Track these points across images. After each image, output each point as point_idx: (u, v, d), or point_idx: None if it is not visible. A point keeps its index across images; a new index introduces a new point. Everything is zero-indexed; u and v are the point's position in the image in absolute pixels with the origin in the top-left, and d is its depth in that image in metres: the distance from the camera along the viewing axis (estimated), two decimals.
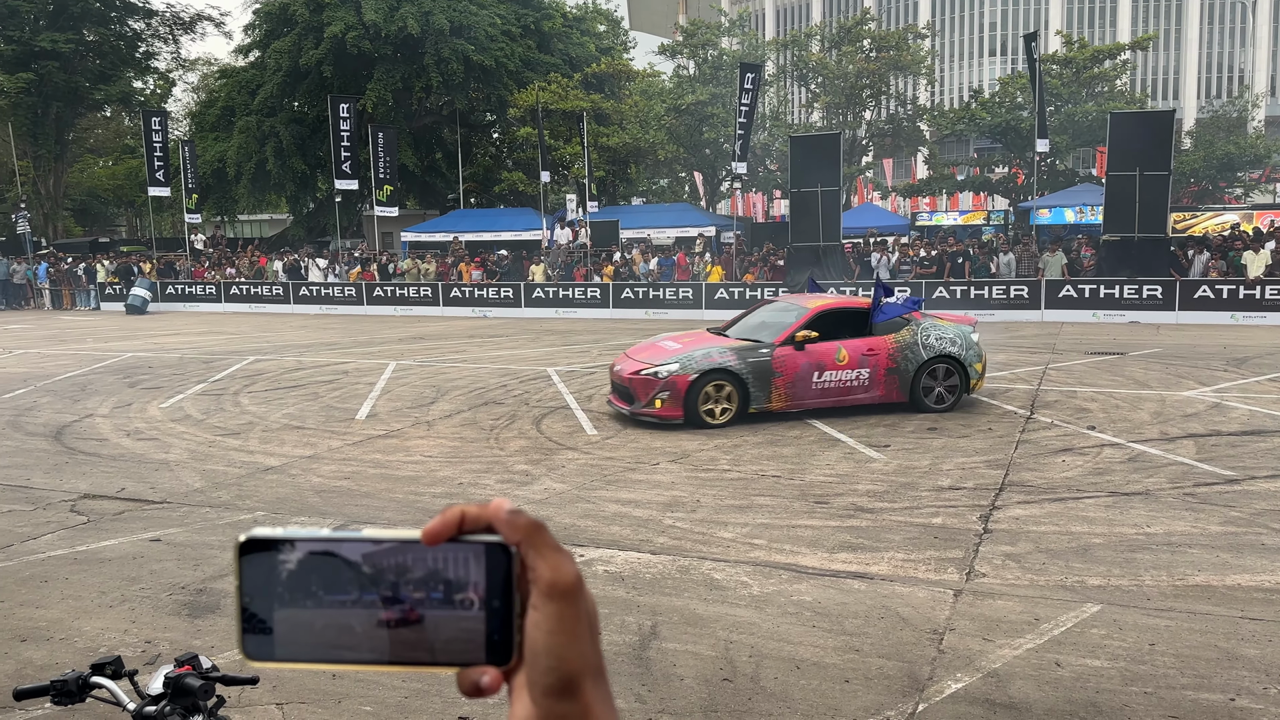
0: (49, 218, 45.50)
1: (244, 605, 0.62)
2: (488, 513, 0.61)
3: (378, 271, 29.53)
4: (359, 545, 0.61)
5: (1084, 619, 5.40)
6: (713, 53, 38.28)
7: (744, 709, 4.49)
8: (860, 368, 11.22)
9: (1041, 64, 29.31)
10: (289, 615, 0.61)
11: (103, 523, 7.63)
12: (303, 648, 0.61)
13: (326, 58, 38.39)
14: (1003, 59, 67.73)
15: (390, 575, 0.61)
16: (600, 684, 0.61)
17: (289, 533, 0.62)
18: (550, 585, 0.60)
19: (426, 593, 0.61)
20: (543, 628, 0.59)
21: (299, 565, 0.61)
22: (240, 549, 0.62)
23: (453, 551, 0.61)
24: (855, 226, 31.67)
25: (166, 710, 2.60)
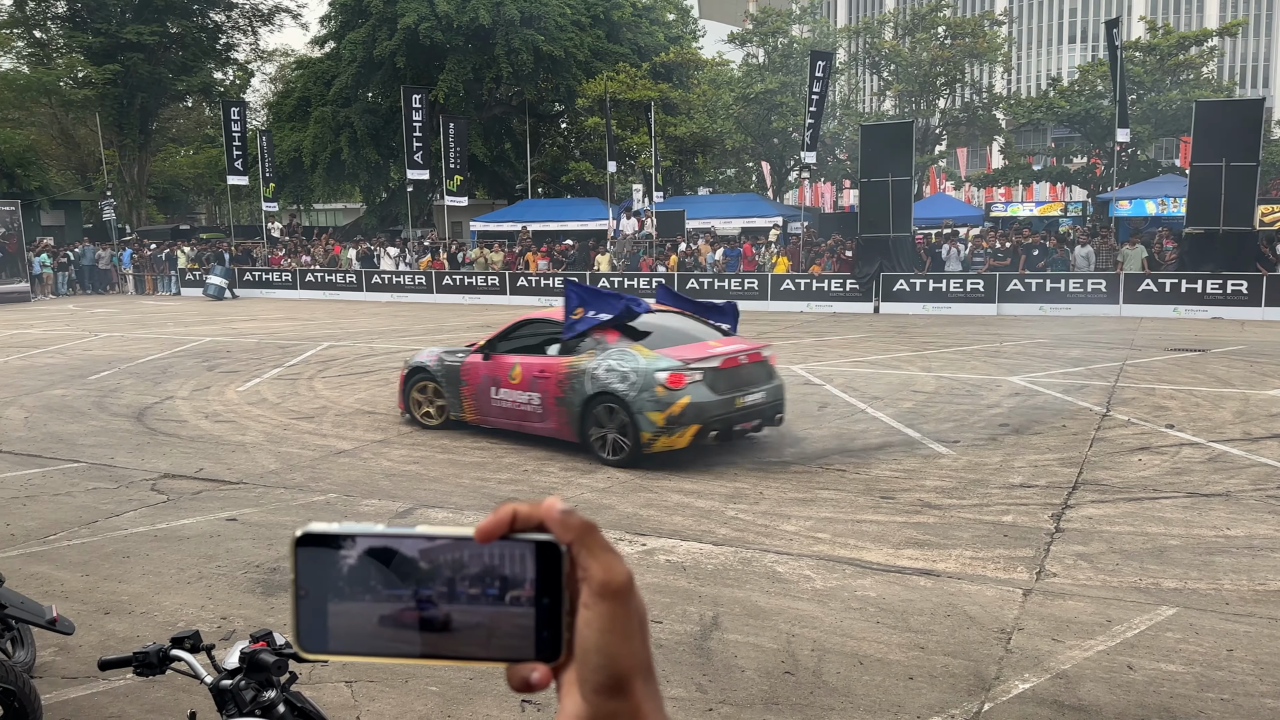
0: (133, 205, 46.98)
1: (299, 598, 0.63)
2: (539, 511, 0.62)
3: (447, 260, 29.91)
4: (413, 542, 0.62)
5: (1158, 622, 5.26)
6: (783, 41, 37.89)
7: (805, 702, 4.47)
8: (531, 390, 9.38)
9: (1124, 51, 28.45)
10: (343, 609, 0.62)
11: (182, 501, 7.88)
12: (356, 641, 0.62)
13: (400, 49, 38.93)
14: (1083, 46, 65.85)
15: (443, 571, 0.62)
16: (650, 682, 0.62)
17: (345, 528, 0.63)
18: (603, 585, 0.60)
19: (479, 589, 0.62)
20: (595, 626, 0.60)
21: (354, 560, 0.62)
22: (296, 543, 0.63)
23: (504, 549, 0.62)
24: (927, 217, 31.13)
25: (241, 684, 2.69)
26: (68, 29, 44.90)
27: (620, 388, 8.61)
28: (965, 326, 19.66)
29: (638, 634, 0.61)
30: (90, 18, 43.59)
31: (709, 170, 42.54)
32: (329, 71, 42.11)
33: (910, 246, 23.63)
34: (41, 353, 17.25)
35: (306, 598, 0.63)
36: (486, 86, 40.76)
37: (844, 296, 23.77)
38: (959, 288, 22.79)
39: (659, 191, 33.51)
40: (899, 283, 23.15)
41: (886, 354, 15.74)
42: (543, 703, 4.51)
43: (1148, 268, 21.86)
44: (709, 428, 8.59)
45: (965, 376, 13.31)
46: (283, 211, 45.07)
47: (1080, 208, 38.67)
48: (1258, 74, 66.99)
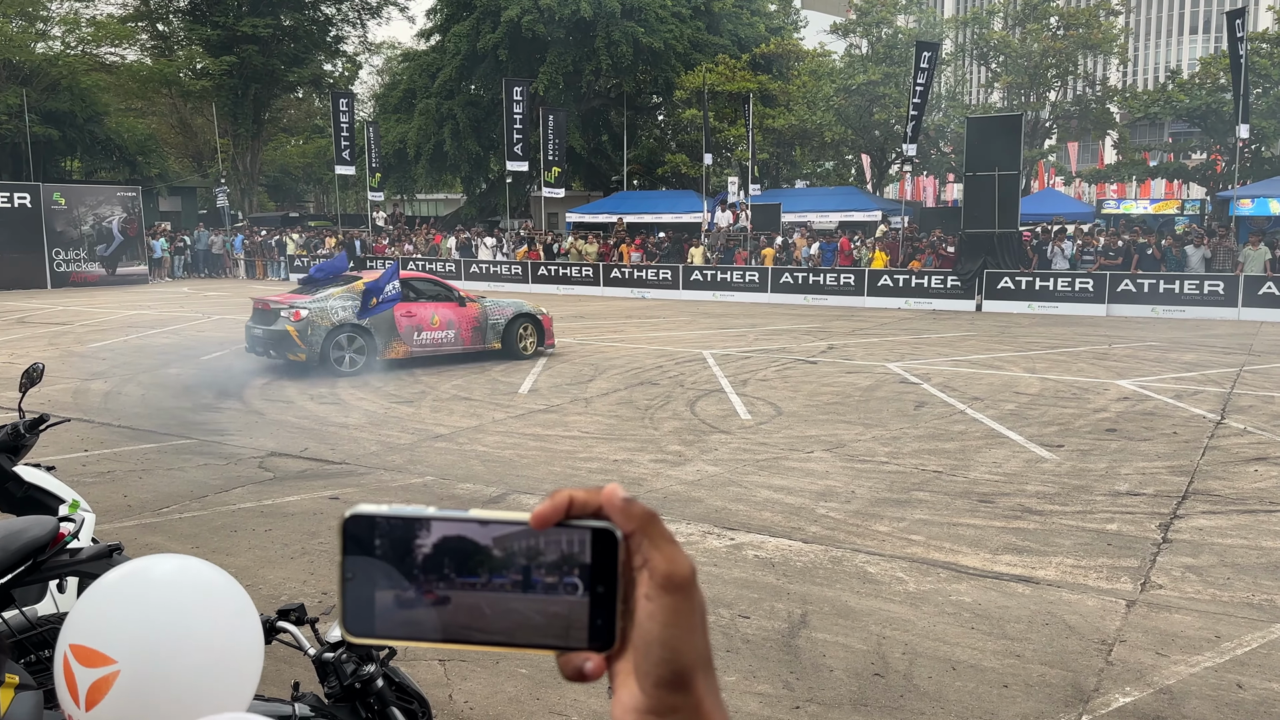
0: (245, 193, 48.82)
1: (345, 580, 0.62)
2: (598, 498, 0.61)
3: (543, 251, 30.28)
4: (466, 526, 0.61)
5: (1271, 640, 5.02)
6: (887, 31, 37.18)
7: (895, 705, 4.41)
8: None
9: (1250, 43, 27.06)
10: (391, 594, 0.61)
11: (287, 480, 8.18)
12: (405, 625, 0.62)
13: (502, 41, 39.50)
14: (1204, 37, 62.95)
15: (496, 557, 0.61)
16: (710, 677, 0.61)
17: (394, 510, 0.62)
18: (666, 578, 0.59)
19: (532, 575, 0.61)
20: (658, 619, 0.59)
21: (405, 544, 0.61)
22: (344, 525, 0.62)
23: (560, 535, 0.60)
24: (1035, 213, 30.17)
25: (344, 657, 2.78)
26: (188, 22, 46.86)
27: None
28: (1072, 327, 19.03)
29: (699, 627, 0.60)
30: (209, 11, 45.40)
31: (807, 163, 42.05)
32: (434, 64, 42.99)
33: (1016, 243, 22.96)
34: (158, 333, 18.09)
35: (353, 580, 0.62)
36: (586, 79, 41.06)
37: (944, 294, 23.27)
38: (1067, 287, 22.08)
39: (755, 184, 33.27)
40: (1003, 280, 22.54)
41: (988, 354, 15.35)
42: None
43: (1270, 270, 20.80)
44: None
45: (1071, 379, 12.89)
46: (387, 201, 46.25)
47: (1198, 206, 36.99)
48: None
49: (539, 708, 4.43)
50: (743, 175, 33.22)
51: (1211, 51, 42.17)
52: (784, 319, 20.91)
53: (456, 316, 14.44)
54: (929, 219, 30.69)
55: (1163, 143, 38.12)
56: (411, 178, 44.85)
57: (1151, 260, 21.74)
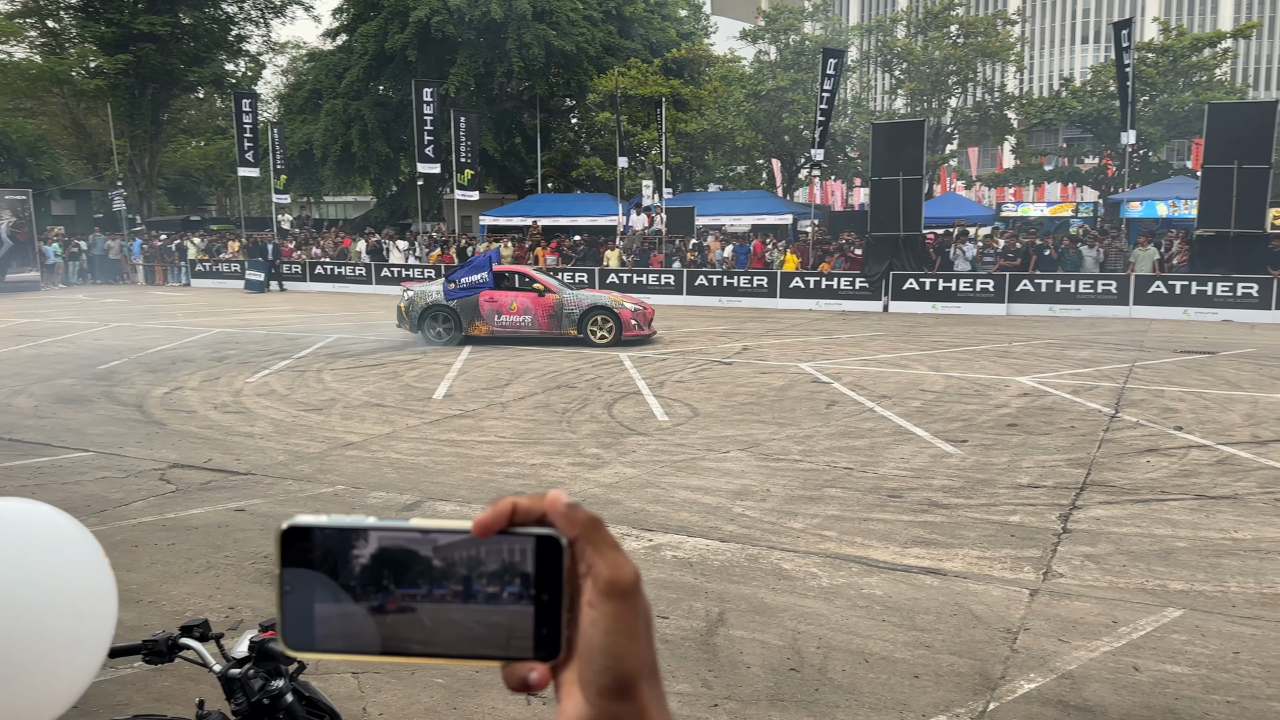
0: (143, 196, 47.10)
1: (284, 594, 0.60)
2: (541, 505, 0.60)
3: (456, 254, 29.94)
4: (406, 536, 0.60)
5: (1165, 624, 5.25)
6: (795, 38, 37.82)
7: (810, 699, 4.48)
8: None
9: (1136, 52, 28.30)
10: (330, 607, 0.60)
11: (190, 492, 7.92)
12: (345, 639, 0.60)
13: (411, 42, 38.94)
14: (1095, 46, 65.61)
15: (437, 566, 0.59)
16: (655, 684, 0.60)
17: (333, 521, 0.61)
18: (610, 584, 0.58)
19: (473, 585, 0.59)
20: (601, 627, 0.58)
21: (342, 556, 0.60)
22: (281, 537, 0.61)
23: (503, 543, 0.59)
24: (937, 216, 31.05)
25: (250, 673, 2.70)
26: (80, 19, 45.00)
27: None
28: (974, 326, 19.62)
29: (644, 634, 0.59)
30: (102, 7, 43.68)
31: (719, 167, 42.50)
32: (340, 64, 42.16)
33: (920, 245, 23.59)
34: (51, 341, 17.34)
35: (292, 594, 0.60)
36: (498, 81, 40.75)
37: (853, 295, 23.75)
38: (968, 287, 22.76)
39: (669, 188, 33.50)
40: (908, 281, 23.12)
41: (895, 353, 15.72)
42: (549, 694, 4.51)
43: (1158, 269, 21.79)
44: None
45: (974, 376, 13.28)
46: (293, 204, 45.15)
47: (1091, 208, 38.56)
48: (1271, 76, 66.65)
49: (456, 717, 4.38)
50: (657, 179, 33.40)
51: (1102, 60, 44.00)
52: (699, 320, 21.09)
53: (534, 304, 16.58)
54: (838, 222, 31.32)
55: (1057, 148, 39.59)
56: (318, 180, 43.87)
57: (1048, 261, 22.56)
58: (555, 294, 16.60)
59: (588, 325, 16.46)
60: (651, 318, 17.15)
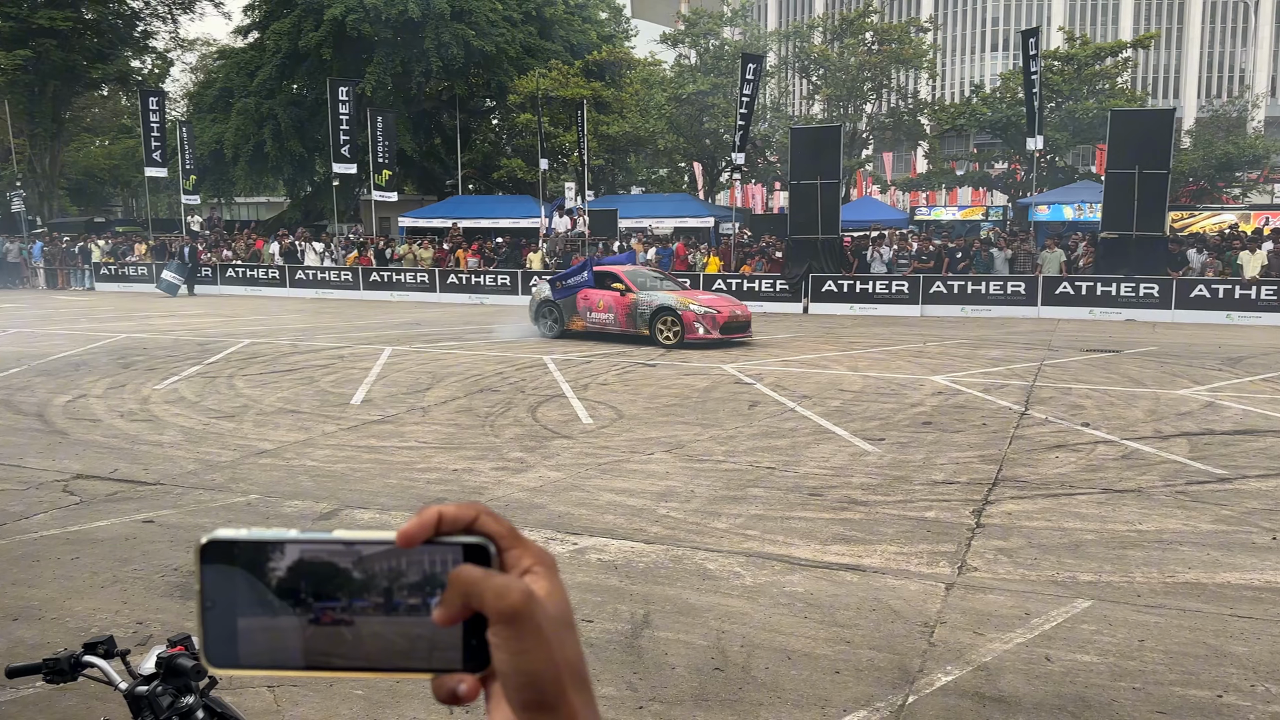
0: (44, 197, 45.31)
1: (205, 609, 0.59)
2: (470, 512, 0.59)
3: (374, 256, 29.46)
4: (330, 548, 0.59)
5: (1075, 614, 5.42)
6: (714, 42, 38.15)
7: (734, 698, 4.51)
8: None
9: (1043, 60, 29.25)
10: (254, 620, 0.59)
11: (95, 503, 7.62)
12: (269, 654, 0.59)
13: (326, 40, 38.22)
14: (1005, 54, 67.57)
15: (363, 579, 0.58)
16: (583, 690, 0.59)
17: (254, 534, 0.59)
18: (497, 614, 0.57)
19: (402, 597, 0.58)
20: (505, 650, 0.57)
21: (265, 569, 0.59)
22: (202, 552, 0.59)
23: (429, 553, 0.59)
24: (854, 220, 31.63)
25: (158, 690, 2.60)
26: None
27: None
28: (890, 327, 20.04)
29: (555, 647, 0.58)
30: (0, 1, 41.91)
31: (642, 169, 42.64)
32: (252, 62, 41.16)
33: (838, 248, 24.01)
34: None
35: (214, 609, 0.59)
36: (416, 80, 40.24)
37: (774, 297, 24.06)
38: (884, 289, 23.24)
39: (591, 190, 33.47)
40: (827, 284, 23.51)
41: (815, 354, 15.96)
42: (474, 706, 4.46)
43: (1065, 271, 22.55)
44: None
45: (890, 376, 13.56)
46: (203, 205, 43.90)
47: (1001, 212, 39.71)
48: (1169, 85, 69.60)
49: None
50: (579, 181, 33.35)
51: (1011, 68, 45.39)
52: None
53: (615, 303, 17.48)
54: (759, 225, 31.70)
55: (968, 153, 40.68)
56: (229, 180, 42.76)
57: (959, 263, 23.17)
58: (634, 294, 17.30)
59: (655, 325, 16.95)
60: (731, 321, 16.90)
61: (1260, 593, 5.73)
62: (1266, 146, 35.47)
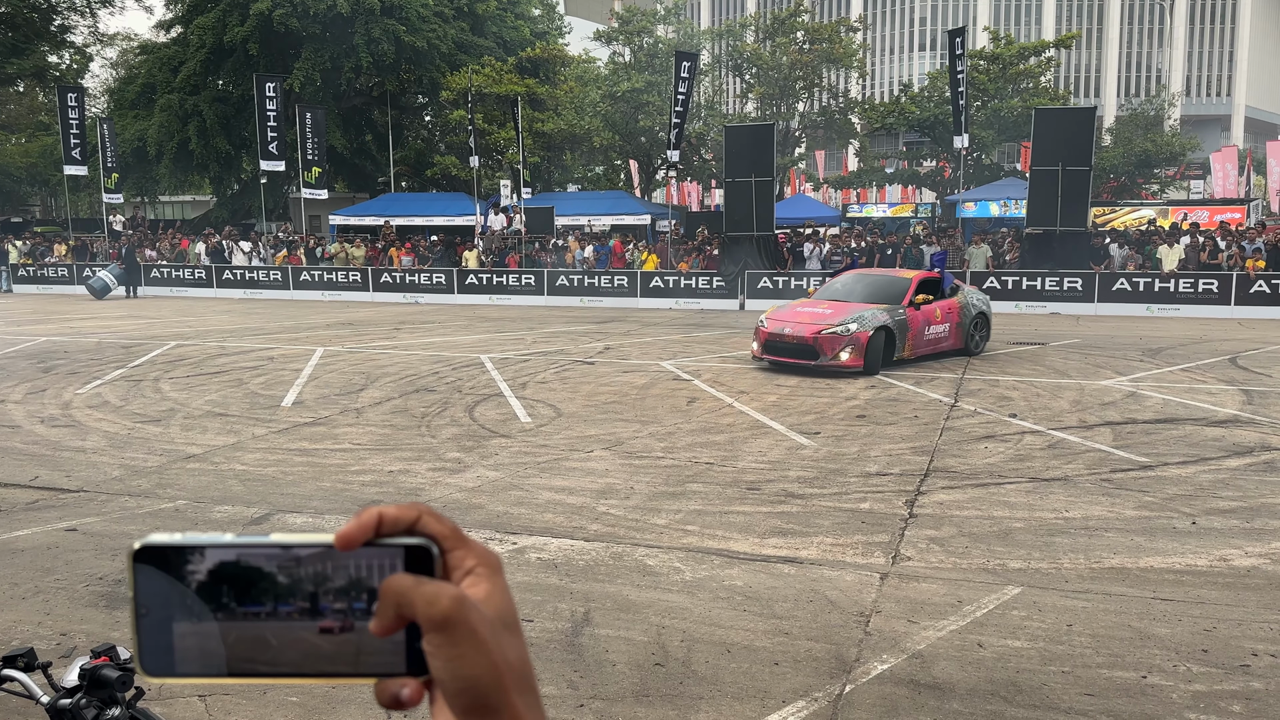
0: None
1: (139, 617, 0.58)
2: (411, 513, 0.59)
3: (304, 255, 28.93)
4: (267, 552, 0.58)
5: (1005, 601, 5.55)
6: (648, 40, 38.23)
7: (675, 693, 4.52)
8: (945, 322, 14.53)
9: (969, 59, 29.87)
10: (191, 628, 0.57)
11: (15, 512, 7.36)
12: (206, 661, 0.58)
13: (252, 35, 37.41)
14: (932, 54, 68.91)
15: (302, 583, 0.57)
16: (526, 691, 0.58)
17: (189, 539, 0.58)
18: (428, 621, 0.56)
19: (342, 601, 0.57)
20: (438, 657, 0.56)
21: (201, 574, 0.58)
22: (134, 557, 0.58)
23: (370, 556, 0.58)
24: (788, 217, 31.99)
25: (83, 703, 2.52)
26: None
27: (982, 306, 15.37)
28: None
29: (495, 648, 0.57)
30: None
31: (578, 167, 42.55)
32: (176, 57, 40.11)
33: (773, 245, 24.23)
34: None
35: (148, 616, 0.57)
36: (345, 76, 39.59)
37: (711, 294, 24.20)
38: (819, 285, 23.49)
39: (527, 188, 33.30)
40: (762, 280, 23.71)
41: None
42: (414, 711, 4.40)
43: (992, 266, 23.07)
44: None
45: None
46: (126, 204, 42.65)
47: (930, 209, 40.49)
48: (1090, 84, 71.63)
49: None
50: (515, 178, 33.15)
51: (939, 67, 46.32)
52: (561, 321, 21.04)
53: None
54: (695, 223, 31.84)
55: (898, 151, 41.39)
56: (153, 178, 41.62)
57: (891, 259, 23.56)
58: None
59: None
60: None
61: (1181, 576, 5.92)
62: (1183, 144, 36.71)
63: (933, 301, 14.29)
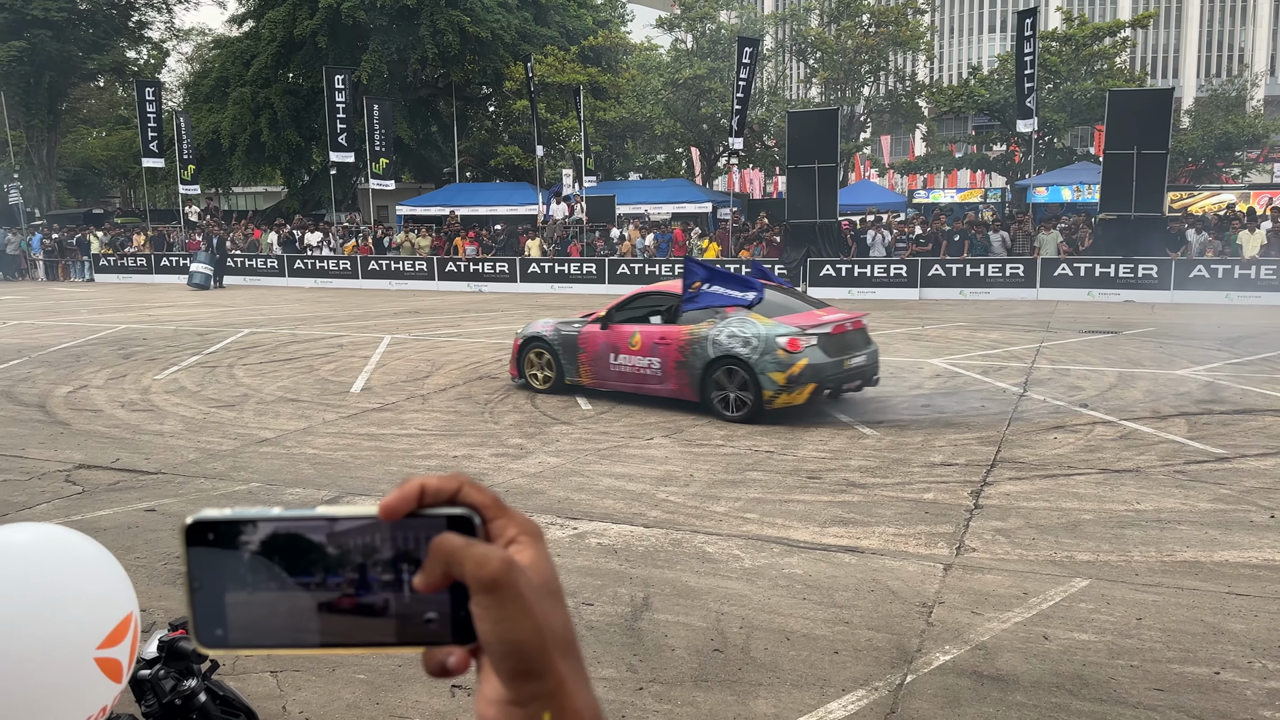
0: (42, 189, 45.22)
1: (193, 591, 0.59)
2: (453, 484, 0.60)
3: (373, 245, 29.43)
4: (314, 524, 0.59)
5: (1072, 593, 5.45)
6: (711, 26, 37.98)
7: (734, 679, 4.54)
8: (651, 356, 10.42)
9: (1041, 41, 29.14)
10: (243, 599, 0.59)
11: (97, 493, 7.65)
12: (259, 633, 0.59)
13: (321, 28, 38.05)
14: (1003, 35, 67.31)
15: (349, 554, 0.58)
16: (570, 658, 0.59)
17: (239, 513, 0.59)
18: (475, 581, 0.57)
19: (388, 571, 0.58)
20: (485, 619, 0.57)
21: (253, 547, 0.59)
22: (187, 532, 0.59)
23: (413, 527, 0.59)
24: (852, 204, 31.57)
25: (161, 674, 2.62)
26: None
27: (743, 351, 9.67)
28: (889, 310, 20.02)
29: (540, 614, 0.58)
30: None
31: (639, 155, 42.52)
32: (248, 51, 40.97)
33: (836, 232, 23.96)
34: None
35: (202, 590, 0.59)
36: (412, 68, 40.07)
37: None
38: (883, 273, 23.21)
39: (589, 176, 33.39)
40: (825, 268, 23.48)
41: None
42: (473, 686, 4.48)
43: (1063, 253, 22.53)
44: (823, 386, 9.68)
45: (888, 359, 13.55)
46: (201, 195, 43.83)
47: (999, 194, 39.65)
48: (1168, 64, 69.35)
49: (379, 712, 4.33)
50: (576, 167, 33.26)
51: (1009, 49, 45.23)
52: None
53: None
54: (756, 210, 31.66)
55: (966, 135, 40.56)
56: (227, 170, 42.61)
57: (958, 246, 23.14)
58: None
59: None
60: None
61: (1258, 570, 5.75)
62: (1266, 126, 35.35)
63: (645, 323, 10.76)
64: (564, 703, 0.58)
